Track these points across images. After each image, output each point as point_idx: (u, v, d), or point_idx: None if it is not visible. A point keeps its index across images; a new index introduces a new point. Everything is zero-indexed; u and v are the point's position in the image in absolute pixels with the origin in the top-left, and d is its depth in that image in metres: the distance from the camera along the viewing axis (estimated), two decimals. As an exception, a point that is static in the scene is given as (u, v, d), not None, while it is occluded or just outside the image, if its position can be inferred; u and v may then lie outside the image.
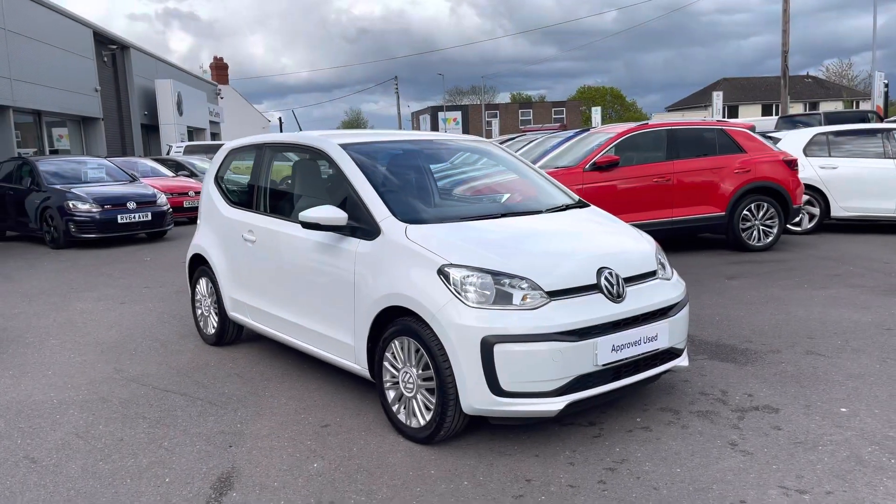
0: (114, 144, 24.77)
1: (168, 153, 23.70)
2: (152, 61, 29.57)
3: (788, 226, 10.66)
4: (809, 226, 10.86)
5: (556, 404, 3.38)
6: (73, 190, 12.36)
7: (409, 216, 3.92)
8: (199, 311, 5.76)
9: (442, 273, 3.49)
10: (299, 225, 4.13)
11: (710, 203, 9.16)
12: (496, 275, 3.45)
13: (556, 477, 3.26)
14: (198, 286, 5.72)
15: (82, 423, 4.07)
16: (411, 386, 3.65)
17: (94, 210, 12.02)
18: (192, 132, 32.52)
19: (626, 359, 3.57)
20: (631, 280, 3.77)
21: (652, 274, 3.92)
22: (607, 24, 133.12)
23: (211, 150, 23.72)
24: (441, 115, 66.48)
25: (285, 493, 3.17)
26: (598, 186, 8.79)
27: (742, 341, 5.29)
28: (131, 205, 12.34)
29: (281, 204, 4.84)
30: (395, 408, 3.77)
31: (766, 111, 58.81)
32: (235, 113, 50.10)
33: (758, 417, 3.87)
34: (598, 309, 3.52)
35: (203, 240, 5.55)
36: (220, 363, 5.15)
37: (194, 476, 3.37)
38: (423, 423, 3.60)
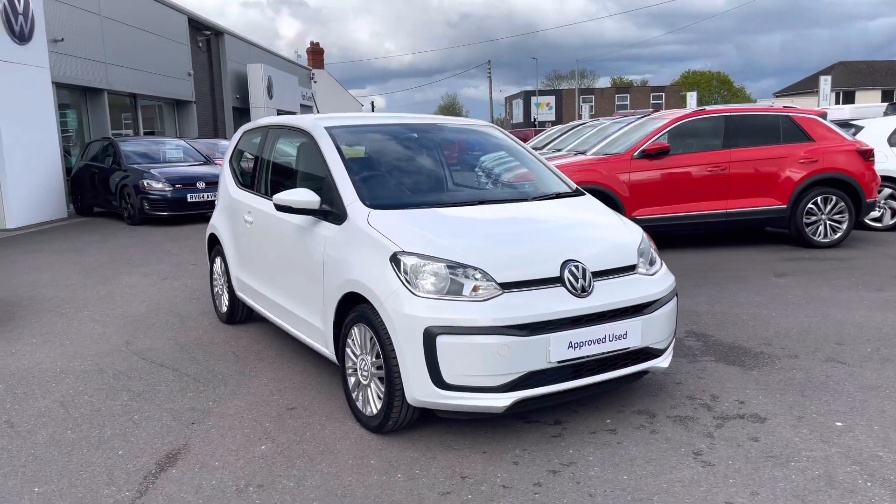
0: (206, 126, 25.83)
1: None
2: (245, 46, 30.58)
3: (867, 221, 9.88)
4: (892, 221, 10.03)
5: (502, 401, 3.24)
6: (150, 170, 12.98)
7: (377, 201, 3.86)
8: (215, 290, 5.92)
9: (394, 260, 3.41)
10: None
11: (770, 195, 8.60)
12: (448, 264, 3.34)
13: (494, 476, 3.13)
14: (214, 265, 5.87)
15: (70, 393, 4.26)
16: (366, 374, 3.61)
17: (167, 189, 12.58)
18: (284, 115, 33.47)
19: (587, 357, 3.39)
20: (603, 274, 3.56)
21: (630, 268, 3.70)
22: (719, 4, 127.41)
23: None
24: (534, 99, 65.69)
25: (221, 474, 3.19)
26: (645, 175, 8.42)
27: (759, 344, 4.93)
28: (200, 184, 12.83)
29: (276, 186, 4.88)
30: (354, 394, 3.74)
31: (887, 97, 54.82)
32: (329, 97, 51.21)
33: (738, 427, 3.60)
34: (556, 303, 3.35)
35: (216, 220, 5.69)
36: (225, 341, 5.27)
37: (146, 450, 3.45)
38: (374, 411, 3.55)
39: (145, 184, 12.60)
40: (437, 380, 3.23)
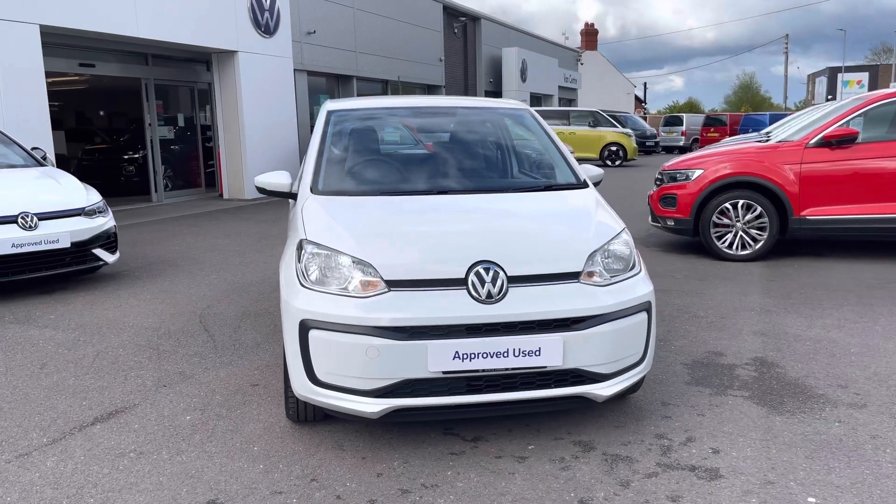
0: (456, 109, 27.14)
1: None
2: (503, 30, 31.27)
3: None
4: None
5: (374, 406, 3.01)
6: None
7: (327, 187, 3.80)
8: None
9: (299, 248, 3.34)
10: None
11: None
12: (340, 256, 3.18)
13: (338, 485, 2.94)
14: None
15: (114, 345, 4.85)
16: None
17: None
18: (540, 98, 33.70)
19: (481, 371, 3.00)
20: (527, 280, 3.11)
21: (570, 276, 3.18)
22: None
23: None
24: (840, 76, 57.89)
25: (127, 437, 3.42)
26: (822, 168, 7.05)
27: (832, 385, 3.92)
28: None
29: None
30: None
31: None
32: (600, 79, 50.33)
33: (671, 481, 2.93)
34: (449, 307, 3.01)
35: None
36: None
37: (101, 404, 3.82)
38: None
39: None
40: (311, 376, 3.10)
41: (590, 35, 51.86)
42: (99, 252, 6.61)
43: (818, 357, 4.37)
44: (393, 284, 3.05)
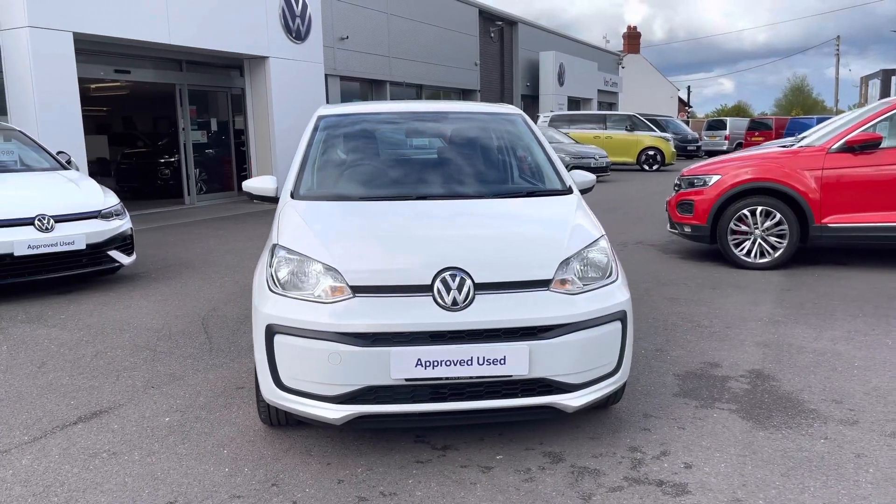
0: (492, 114, 27.08)
1: (536, 122, 25.00)
2: (541, 34, 31.11)
3: None
4: None
5: (336, 412, 3.00)
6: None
7: (306, 192, 3.82)
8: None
9: (271, 253, 3.36)
10: None
11: None
12: (306, 261, 3.18)
13: (297, 490, 2.94)
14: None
15: (115, 345, 4.94)
16: (264, 365, 3.61)
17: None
18: (578, 101, 33.41)
19: (445, 379, 2.97)
20: (495, 287, 3.07)
21: (540, 283, 3.12)
22: None
23: (576, 121, 24.28)
24: (894, 79, 56.05)
25: (104, 437, 3.47)
26: (845, 173, 6.82)
27: (826, 400, 3.78)
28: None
29: None
30: (267, 383, 3.76)
31: None
32: (642, 82, 49.68)
33: (638, 495, 2.85)
34: (413, 314, 2.98)
35: None
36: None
37: (88, 404, 3.89)
38: (262, 404, 3.54)
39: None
40: (277, 380, 3.11)
41: (632, 38, 51.26)
42: (114, 254, 6.76)
43: (818, 370, 4.22)
44: (358, 290, 3.04)
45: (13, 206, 6.26)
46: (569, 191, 3.93)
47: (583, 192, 4.18)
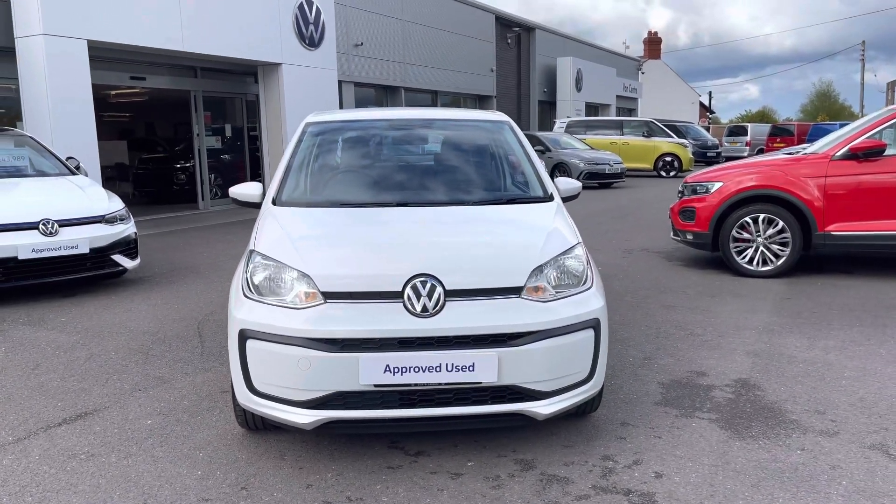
0: (509, 119, 27.08)
1: (552, 128, 24.98)
2: (559, 40, 31.05)
3: None
4: None
5: (306, 417, 3.03)
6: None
7: (287, 198, 3.87)
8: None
9: (247, 258, 3.40)
10: None
11: None
12: (280, 267, 3.21)
13: (265, 494, 2.96)
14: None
15: (105, 349, 5.01)
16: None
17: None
18: (596, 107, 33.28)
19: (414, 385, 2.98)
20: (465, 294, 3.08)
21: (511, 290, 3.13)
22: None
23: (592, 127, 24.20)
24: (922, 85, 55.10)
25: (85, 439, 3.53)
26: (849, 181, 6.73)
27: (809, 410, 3.74)
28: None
29: None
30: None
31: None
32: (663, 88, 49.36)
33: (603, 503, 2.84)
34: (383, 320, 3.00)
35: None
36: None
37: (74, 406, 3.96)
38: (240, 407, 3.58)
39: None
40: (249, 385, 3.15)
41: (653, 44, 50.98)
42: (118, 258, 6.87)
43: (806, 380, 4.17)
44: (330, 296, 3.07)
45: (19, 211, 6.38)
46: (549, 198, 3.93)
47: (569, 199, 4.18)
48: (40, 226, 6.34)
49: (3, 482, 3.09)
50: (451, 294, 3.06)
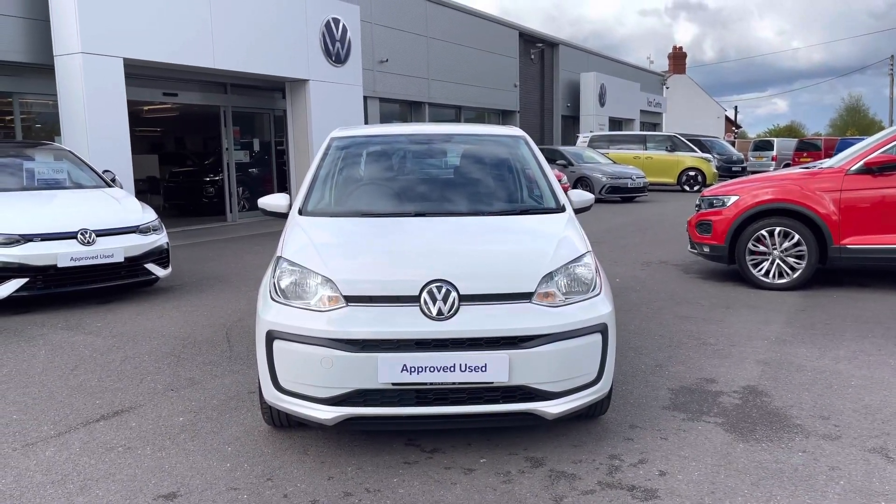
0: (532, 135, 27.24)
1: (575, 143, 25.12)
2: (582, 55, 31.25)
3: None
4: None
5: (328, 413, 3.23)
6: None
7: (312, 207, 4.10)
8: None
9: (275, 264, 3.62)
10: None
11: None
12: (306, 272, 3.42)
13: (289, 485, 3.16)
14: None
15: (142, 352, 5.26)
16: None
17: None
18: (620, 122, 33.36)
19: (429, 384, 3.17)
20: (479, 299, 3.27)
21: (523, 296, 3.31)
22: None
23: (616, 141, 24.30)
24: (953, 100, 54.31)
25: (122, 433, 3.76)
26: (863, 195, 6.82)
27: (813, 416, 3.85)
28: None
29: None
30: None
31: None
32: (688, 102, 49.28)
33: (608, 498, 2.99)
34: (402, 322, 3.20)
35: None
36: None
37: (111, 404, 4.20)
38: (268, 406, 3.78)
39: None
40: (276, 383, 3.35)
41: (678, 59, 51.00)
42: (151, 266, 7.15)
43: (813, 388, 4.28)
44: (351, 300, 3.27)
45: (58, 221, 6.70)
46: (562, 209, 4.11)
47: (581, 210, 4.36)
48: (78, 235, 6.65)
49: (47, 471, 3.32)
50: (466, 298, 3.24)
